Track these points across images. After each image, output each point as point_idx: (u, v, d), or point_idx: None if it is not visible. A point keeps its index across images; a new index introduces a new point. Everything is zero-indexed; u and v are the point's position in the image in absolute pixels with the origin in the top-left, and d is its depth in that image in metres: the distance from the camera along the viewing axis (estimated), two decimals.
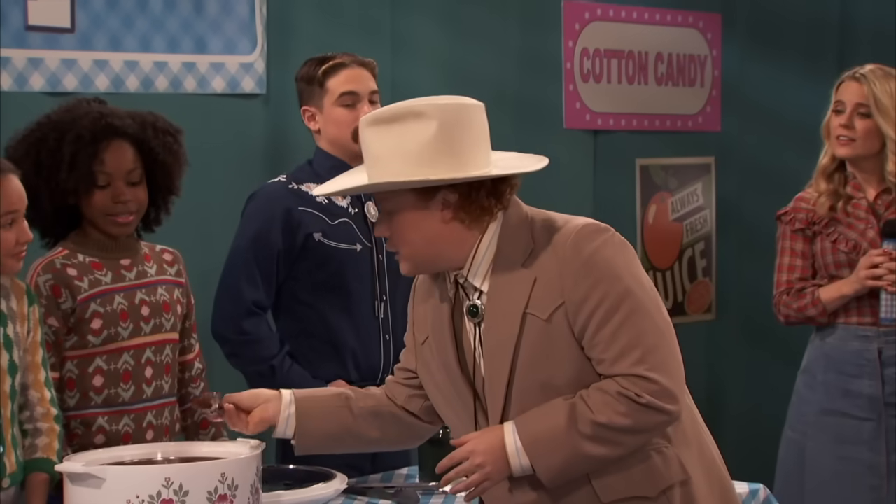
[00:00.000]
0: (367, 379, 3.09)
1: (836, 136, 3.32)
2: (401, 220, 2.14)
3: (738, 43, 4.87)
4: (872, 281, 3.25)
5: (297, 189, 3.08)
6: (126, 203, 2.60)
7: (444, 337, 2.20)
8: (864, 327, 3.32)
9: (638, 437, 2.10)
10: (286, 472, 2.68)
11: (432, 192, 2.11)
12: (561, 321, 2.08)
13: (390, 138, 2.09)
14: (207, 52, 3.46)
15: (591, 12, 4.45)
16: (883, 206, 3.34)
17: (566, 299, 2.08)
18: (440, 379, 2.22)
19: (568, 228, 2.12)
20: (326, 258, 3.04)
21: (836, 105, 3.34)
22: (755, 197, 4.72)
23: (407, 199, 2.12)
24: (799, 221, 3.39)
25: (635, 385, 2.05)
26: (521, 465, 2.09)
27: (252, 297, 3.02)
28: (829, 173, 3.36)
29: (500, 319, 2.12)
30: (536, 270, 2.10)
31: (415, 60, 4.00)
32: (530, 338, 2.10)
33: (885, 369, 3.31)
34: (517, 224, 2.15)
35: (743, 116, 4.89)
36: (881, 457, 3.30)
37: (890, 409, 3.31)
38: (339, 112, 3.09)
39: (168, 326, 2.68)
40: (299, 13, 3.69)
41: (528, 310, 2.10)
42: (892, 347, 3.32)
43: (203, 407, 2.30)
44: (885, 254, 3.25)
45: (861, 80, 3.31)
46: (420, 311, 2.27)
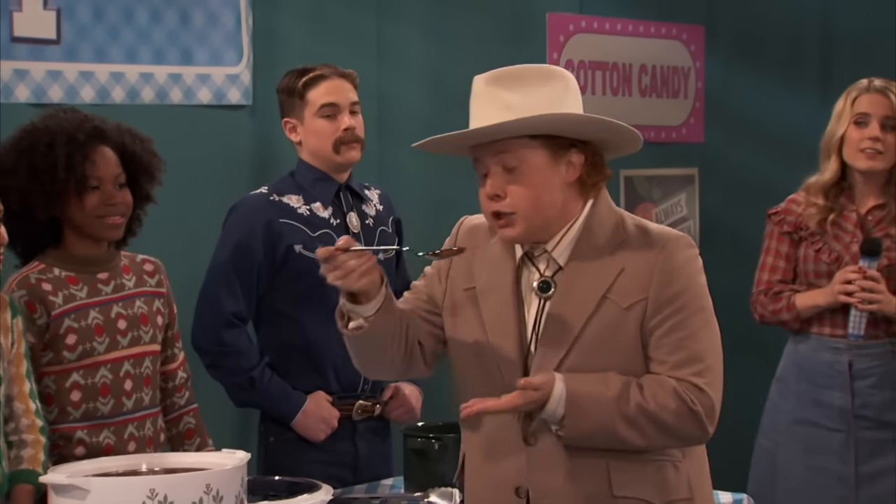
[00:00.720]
0: (347, 390, 3.11)
1: (861, 148, 3.30)
2: (528, 175, 2.13)
3: (722, 55, 4.90)
4: (844, 296, 3.27)
5: (278, 201, 3.09)
6: (116, 205, 2.61)
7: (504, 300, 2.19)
8: (837, 339, 3.35)
9: (668, 439, 2.16)
10: (271, 484, 2.68)
11: (563, 150, 2.15)
12: (636, 315, 2.15)
13: (528, 93, 2.12)
14: (193, 63, 3.47)
15: (575, 24, 4.48)
16: (874, 221, 3.36)
17: (650, 297, 2.14)
18: (479, 335, 2.21)
19: (664, 233, 2.20)
20: (307, 270, 3.05)
21: (857, 117, 3.32)
22: (738, 208, 4.74)
23: (538, 154, 2.14)
24: (788, 224, 3.41)
25: (691, 392, 2.13)
26: (555, 413, 2.13)
27: (232, 309, 3.03)
28: (827, 189, 3.35)
29: (575, 296, 2.16)
30: (625, 261, 2.16)
31: (401, 71, 4.01)
32: (602, 321, 2.15)
33: (855, 382, 3.33)
34: (607, 212, 2.21)
35: (726, 128, 4.91)
36: (850, 467, 3.33)
37: (859, 421, 3.34)
38: (319, 123, 3.10)
39: (147, 339, 2.68)
40: (285, 24, 3.70)
41: (608, 294, 2.15)
42: (864, 360, 3.34)
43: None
44: (859, 271, 3.27)
45: (885, 92, 3.31)
46: (465, 257, 2.25)
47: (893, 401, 3.34)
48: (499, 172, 2.15)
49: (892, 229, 3.33)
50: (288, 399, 3.05)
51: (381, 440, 3.19)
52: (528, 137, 2.13)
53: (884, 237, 3.33)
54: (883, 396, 3.34)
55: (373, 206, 3.22)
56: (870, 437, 3.33)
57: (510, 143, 2.13)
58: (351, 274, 2.12)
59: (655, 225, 2.23)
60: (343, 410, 3.09)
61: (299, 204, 3.10)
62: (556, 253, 2.19)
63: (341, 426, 3.08)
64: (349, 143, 3.11)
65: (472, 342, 2.23)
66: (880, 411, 3.34)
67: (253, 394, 3.05)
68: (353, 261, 2.11)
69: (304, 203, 3.11)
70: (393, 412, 3.18)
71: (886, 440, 3.33)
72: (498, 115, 2.12)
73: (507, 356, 2.19)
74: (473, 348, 2.22)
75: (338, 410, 3.08)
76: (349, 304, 2.19)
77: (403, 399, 3.18)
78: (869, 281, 3.26)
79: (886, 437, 3.34)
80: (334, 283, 2.14)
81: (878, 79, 3.37)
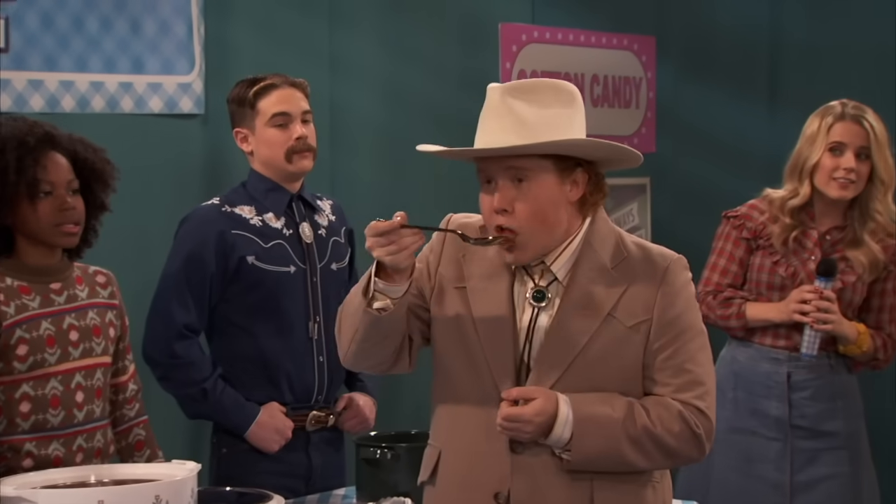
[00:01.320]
0: (301, 401, 3.10)
1: (834, 177, 3.31)
2: (537, 193, 2.15)
3: (672, 65, 4.95)
4: (799, 315, 3.30)
5: (230, 212, 3.08)
6: (71, 211, 2.59)
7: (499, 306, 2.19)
8: (777, 350, 3.38)
9: (669, 461, 2.20)
10: (221, 494, 2.67)
11: (570, 169, 2.17)
12: (641, 336, 2.18)
13: (542, 108, 2.14)
14: (145, 72, 3.45)
15: (527, 34, 4.50)
16: (832, 241, 3.39)
17: (654, 318, 2.17)
18: (472, 338, 2.20)
19: (665, 253, 2.23)
20: (260, 281, 3.04)
21: (832, 145, 3.32)
22: (689, 216, 4.78)
23: (549, 173, 2.15)
24: (748, 230, 3.43)
25: (695, 416, 2.16)
26: (562, 436, 2.14)
27: (184, 321, 3.01)
28: (795, 211, 3.37)
29: (580, 311, 2.18)
30: (629, 279, 2.18)
31: (353, 81, 4.02)
32: (606, 338, 2.17)
33: (792, 393, 3.37)
34: (606, 231, 2.23)
35: (677, 138, 4.96)
36: (786, 476, 3.37)
37: (796, 431, 3.38)
38: (271, 133, 3.09)
39: (99, 350, 2.66)
40: (237, 33, 3.69)
41: (613, 312, 2.16)
42: (802, 373, 3.38)
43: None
44: (815, 291, 3.30)
45: (860, 120, 3.32)
46: (454, 256, 2.25)
47: (829, 411, 3.39)
48: (508, 186, 2.16)
49: (848, 252, 3.36)
50: (241, 410, 3.04)
51: (334, 451, 3.18)
52: (539, 156, 2.15)
53: (840, 259, 3.36)
54: (818, 407, 3.38)
55: (325, 216, 3.22)
56: (806, 446, 3.37)
57: (522, 160, 2.15)
58: (405, 251, 2.11)
59: (653, 244, 2.27)
60: (296, 421, 3.08)
61: (252, 215, 3.10)
62: (555, 267, 2.20)
63: (295, 437, 3.07)
64: (301, 152, 3.10)
65: (462, 346, 2.22)
66: (816, 421, 3.38)
67: (205, 405, 3.04)
68: (409, 238, 2.10)
69: (256, 214, 3.10)
70: (347, 423, 3.17)
71: (821, 449, 3.38)
72: (512, 129, 2.14)
73: (501, 364, 2.19)
74: (464, 351, 2.22)
75: (291, 421, 3.07)
76: (382, 283, 2.16)
77: (357, 409, 3.17)
78: (825, 302, 3.29)
79: (821, 446, 3.38)
80: (383, 257, 2.11)
81: (850, 103, 3.38)
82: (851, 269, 3.35)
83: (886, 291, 3.40)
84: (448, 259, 2.27)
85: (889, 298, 3.40)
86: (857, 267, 3.34)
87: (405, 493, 2.69)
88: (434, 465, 2.26)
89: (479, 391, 2.20)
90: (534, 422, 2.13)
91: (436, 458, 2.26)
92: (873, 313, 3.41)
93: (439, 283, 2.27)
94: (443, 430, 2.27)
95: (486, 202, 2.19)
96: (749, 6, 4.91)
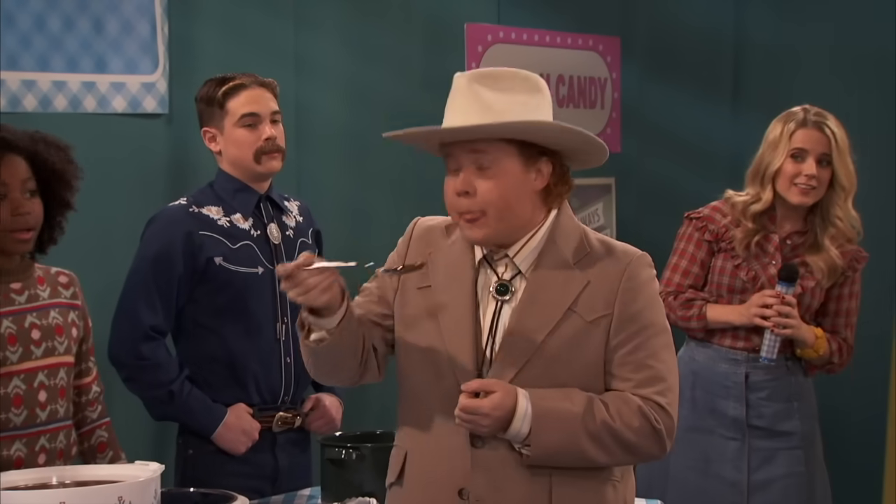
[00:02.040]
0: (268, 402, 3.09)
1: (795, 183, 3.33)
2: (501, 177, 2.15)
3: (637, 66, 4.97)
4: (760, 320, 3.33)
5: (197, 212, 3.07)
6: (25, 216, 2.56)
7: (462, 302, 2.20)
8: (736, 351, 3.41)
9: (629, 456, 2.19)
10: (185, 496, 2.65)
11: (534, 157, 2.17)
12: (601, 330, 2.17)
13: (508, 95, 2.14)
14: (108, 71, 3.43)
15: (493, 35, 4.51)
16: (792, 246, 3.41)
17: (615, 313, 2.17)
18: (434, 336, 2.20)
19: (628, 250, 2.23)
20: (228, 282, 3.03)
21: (794, 152, 3.34)
22: (653, 216, 4.81)
23: (513, 158, 2.15)
24: (710, 233, 3.45)
25: (655, 412, 2.16)
26: (520, 431, 2.13)
27: (150, 322, 3.00)
28: (757, 216, 3.39)
29: (540, 306, 2.17)
30: (590, 275, 2.18)
31: (319, 81, 4.01)
32: (566, 332, 2.17)
33: (749, 393, 3.40)
34: (571, 226, 2.23)
35: (642, 138, 4.98)
36: (743, 475, 3.39)
37: (753, 431, 3.40)
38: (240, 133, 3.08)
39: (61, 350, 2.64)
40: (202, 33, 3.67)
41: (574, 307, 2.16)
42: (759, 374, 3.41)
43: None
44: (777, 296, 3.33)
45: (821, 127, 3.34)
46: (421, 256, 2.26)
47: (785, 412, 3.42)
48: (471, 170, 2.17)
49: (808, 257, 3.38)
50: (208, 412, 3.03)
51: (300, 451, 3.17)
52: (504, 141, 2.15)
53: (800, 264, 3.38)
54: (775, 407, 3.41)
55: (293, 217, 3.21)
56: (762, 445, 3.40)
57: (487, 143, 2.15)
58: (312, 291, 2.12)
59: (617, 241, 2.27)
60: (263, 422, 3.07)
61: (219, 215, 3.08)
62: (518, 259, 2.21)
63: (261, 438, 3.06)
64: (270, 152, 3.09)
65: (425, 343, 2.22)
66: (773, 421, 3.41)
67: (172, 407, 3.02)
68: (314, 278, 2.11)
69: (223, 214, 3.08)
70: (313, 423, 3.17)
71: (778, 449, 3.41)
72: (477, 113, 2.14)
73: (462, 359, 2.19)
74: (426, 348, 2.22)
75: (258, 422, 3.06)
76: (311, 318, 2.18)
77: (324, 410, 3.17)
78: (786, 307, 3.32)
79: (778, 446, 3.41)
80: (295, 299, 2.14)
81: (813, 109, 3.39)
82: (811, 275, 3.38)
83: (843, 296, 3.44)
84: (413, 259, 2.27)
85: (845, 303, 3.44)
86: (817, 272, 3.37)
87: (370, 493, 2.68)
88: (401, 466, 2.26)
89: (441, 388, 2.20)
90: (491, 415, 2.12)
91: (402, 458, 2.26)
92: (829, 317, 3.45)
93: (403, 285, 2.27)
94: (408, 430, 2.27)
95: (450, 186, 2.19)
96: (714, 8, 4.94)
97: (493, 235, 2.19)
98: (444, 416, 2.19)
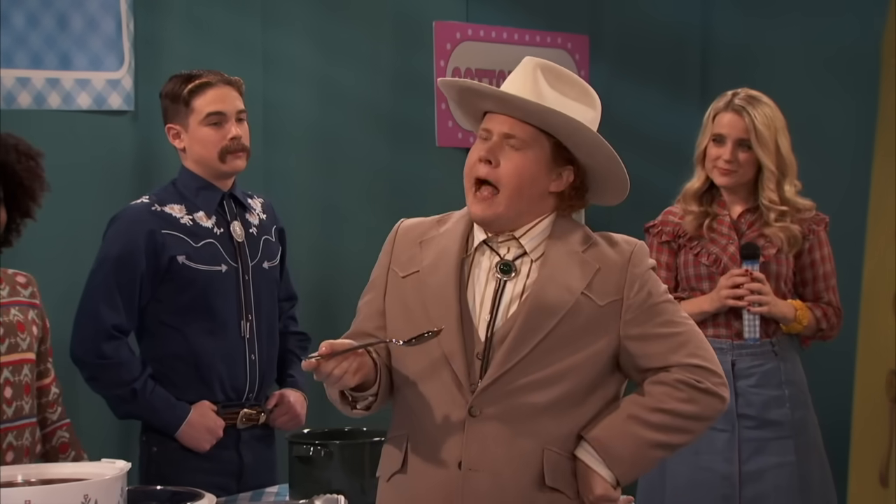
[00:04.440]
0: (232, 399, 3.08)
1: (716, 165, 3.40)
2: (526, 162, 2.21)
3: (606, 64, 4.98)
4: (733, 300, 3.35)
5: (160, 211, 3.05)
6: None
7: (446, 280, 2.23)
8: (720, 339, 3.42)
9: (695, 424, 2.23)
10: (152, 493, 2.63)
11: (562, 161, 2.25)
12: (612, 314, 2.23)
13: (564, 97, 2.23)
14: (72, 67, 3.41)
15: (462, 32, 4.51)
16: (746, 224, 3.45)
17: (624, 297, 2.23)
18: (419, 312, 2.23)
19: (629, 240, 2.32)
20: (191, 281, 3.02)
21: (715, 136, 3.40)
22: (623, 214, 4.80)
23: (542, 149, 2.22)
24: (666, 234, 3.49)
25: (693, 373, 2.22)
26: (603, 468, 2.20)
27: (112, 321, 2.98)
28: (700, 196, 3.45)
29: (553, 289, 2.21)
30: (600, 261, 2.25)
31: (287, 79, 3.99)
32: (579, 315, 2.21)
33: (737, 381, 3.41)
34: (573, 222, 2.32)
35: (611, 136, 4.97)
36: (734, 466, 3.40)
37: (743, 420, 3.41)
38: (205, 132, 3.06)
39: (24, 346, 2.62)
40: (168, 29, 3.66)
41: (587, 291, 2.22)
42: (745, 360, 3.42)
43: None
44: (745, 273, 3.35)
45: (741, 112, 3.38)
46: (406, 250, 2.30)
47: (775, 400, 3.42)
48: (501, 143, 2.22)
49: (765, 230, 3.42)
50: (172, 410, 3.01)
51: (265, 447, 3.16)
52: (541, 132, 2.21)
53: (758, 237, 3.42)
54: (764, 396, 3.42)
55: (256, 214, 3.20)
56: (753, 436, 3.41)
57: (526, 127, 2.21)
58: (344, 377, 2.16)
59: (615, 234, 2.33)
60: (227, 419, 3.06)
61: (182, 214, 3.06)
62: (525, 240, 2.25)
63: (225, 435, 3.05)
64: (235, 152, 3.08)
65: (412, 325, 2.23)
66: (762, 409, 3.42)
67: (135, 406, 3.01)
68: (339, 368, 2.14)
69: (186, 213, 3.07)
70: (278, 419, 3.16)
71: (768, 438, 3.41)
72: (530, 96, 2.21)
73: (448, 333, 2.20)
74: (414, 329, 2.22)
75: (222, 420, 3.05)
76: (354, 393, 2.24)
77: (288, 406, 3.16)
78: (756, 283, 3.34)
79: (768, 435, 3.42)
80: (331, 387, 2.20)
81: (742, 92, 3.44)
82: (770, 243, 3.42)
83: (815, 262, 3.47)
84: (401, 255, 2.31)
85: (820, 268, 3.48)
86: (776, 240, 3.41)
87: (338, 490, 2.68)
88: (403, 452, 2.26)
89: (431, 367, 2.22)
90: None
91: (404, 444, 2.27)
92: (809, 286, 3.48)
93: (391, 280, 2.30)
94: (405, 416, 2.28)
95: (475, 152, 2.25)
96: (681, 7, 4.96)
97: (500, 216, 2.24)
98: (438, 397, 2.21)
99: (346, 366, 2.14)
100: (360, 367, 2.18)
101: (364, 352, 2.20)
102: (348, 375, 2.15)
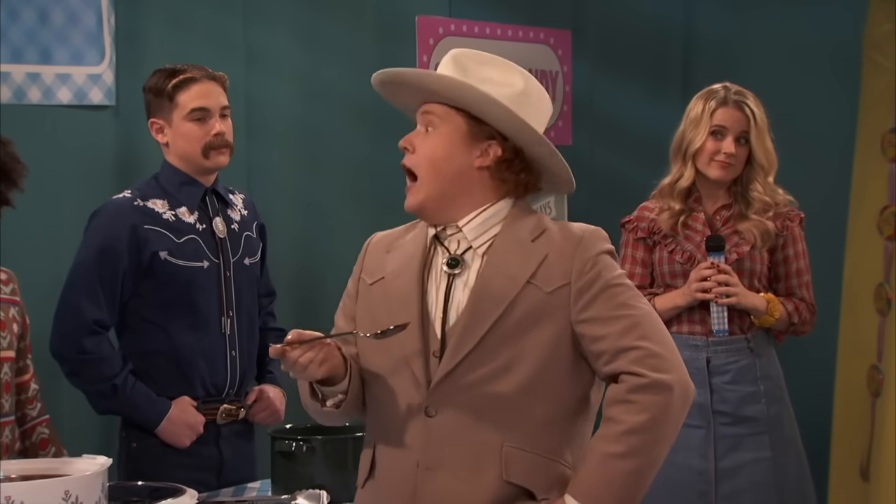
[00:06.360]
0: (212, 395, 3.08)
1: (715, 159, 3.39)
2: (438, 140, 2.19)
3: (588, 59, 4.98)
4: (702, 294, 3.36)
5: (142, 206, 3.04)
6: None
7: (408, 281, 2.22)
8: (695, 336, 3.43)
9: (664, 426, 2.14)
10: (133, 489, 2.63)
11: (484, 135, 2.19)
12: (560, 300, 2.17)
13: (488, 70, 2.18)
14: (53, 62, 3.39)
15: (444, 27, 4.51)
16: (721, 221, 3.46)
17: (572, 282, 2.18)
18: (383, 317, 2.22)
19: (583, 227, 2.26)
20: (173, 276, 3.01)
21: (714, 128, 3.40)
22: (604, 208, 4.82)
23: (457, 125, 2.19)
24: (641, 230, 3.50)
25: (640, 365, 2.12)
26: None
27: (94, 316, 2.97)
28: (683, 194, 3.44)
29: (498, 280, 2.18)
30: (547, 249, 2.20)
31: (269, 74, 3.99)
32: (526, 304, 2.17)
33: (713, 378, 3.42)
34: (528, 211, 2.26)
35: (593, 131, 5.00)
36: (710, 463, 3.41)
37: (718, 417, 3.42)
38: (188, 127, 3.06)
39: (4, 345, 2.62)
40: (150, 24, 3.64)
41: (532, 280, 2.18)
42: (721, 357, 3.43)
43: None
44: (711, 266, 3.36)
45: (742, 106, 3.40)
46: (375, 259, 2.29)
47: (750, 396, 3.44)
48: (419, 132, 2.22)
49: (739, 226, 3.44)
50: (152, 406, 3.01)
51: (245, 443, 3.16)
52: (454, 109, 2.18)
53: (731, 233, 3.43)
54: (739, 392, 3.43)
55: (238, 210, 3.20)
56: (728, 432, 3.42)
57: (438, 107, 2.19)
58: (309, 367, 2.14)
59: (575, 223, 2.29)
60: (207, 415, 3.06)
61: (164, 209, 3.06)
62: (468, 229, 2.22)
63: (205, 430, 3.05)
64: (218, 148, 3.07)
65: (375, 323, 2.22)
66: (737, 406, 3.43)
67: (115, 401, 3.00)
68: (306, 356, 2.13)
69: (168, 208, 3.06)
70: (257, 415, 3.16)
71: (744, 435, 3.42)
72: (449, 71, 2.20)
73: (410, 337, 2.19)
74: (376, 326, 2.21)
75: (202, 415, 3.04)
76: (322, 387, 2.22)
77: (268, 402, 3.16)
78: (723, 275, 3.35)
79: (743, 431, 3.43)
80: (297, 377, 2.17)
81: (733, 87, 3.45)
82: (744, 240, 3.42)
83: (789, 258, 3.48)
84: (370, 264, 2.30)
85: (793, 264, 3.49)
86: (749, 237, 3.42)
87: (320, 485, 2.68)
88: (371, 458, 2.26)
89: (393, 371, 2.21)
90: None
91: (371, 451, 2.27)
92: (782, 282, 3.49)
93: (361, 288, 2.30)
94: (372, 421, 2.28)
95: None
96: (664, 2, 4.97)
97: (425, 203, 2.21)
98: (399, 397, 2.20)
99: (311, 355, 2.12)
100: (327, 359, 2.15)
101: (332, 345, 2.18)
102: (313, 365, 2.13)
